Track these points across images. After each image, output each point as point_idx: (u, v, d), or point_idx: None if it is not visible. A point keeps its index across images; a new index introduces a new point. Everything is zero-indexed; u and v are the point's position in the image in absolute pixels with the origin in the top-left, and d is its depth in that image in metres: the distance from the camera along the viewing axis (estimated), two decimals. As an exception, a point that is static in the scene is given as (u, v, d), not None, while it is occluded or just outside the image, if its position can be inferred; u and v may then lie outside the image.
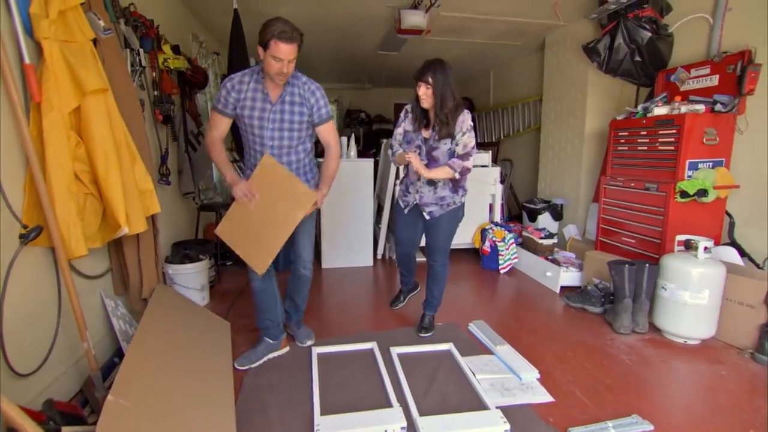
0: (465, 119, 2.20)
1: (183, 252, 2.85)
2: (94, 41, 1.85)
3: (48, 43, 1.57)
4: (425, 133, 2.28)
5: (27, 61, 1.53)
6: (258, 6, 3.51)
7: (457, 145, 2.22)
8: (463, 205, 2.42)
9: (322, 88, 2.04)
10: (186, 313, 2.30)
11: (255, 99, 1.94)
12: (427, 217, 2.38)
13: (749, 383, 2.02)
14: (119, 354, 2.04)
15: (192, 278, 2.77)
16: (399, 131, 2.39)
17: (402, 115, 2.38)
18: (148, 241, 2.26)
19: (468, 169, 2.23)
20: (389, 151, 2.48)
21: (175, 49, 3.01)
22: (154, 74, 2.73)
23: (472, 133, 2.23)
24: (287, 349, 2.29)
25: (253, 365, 2.13)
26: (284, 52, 1.77)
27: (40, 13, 1.56)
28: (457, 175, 2.22)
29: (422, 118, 2.26)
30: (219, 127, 2.00)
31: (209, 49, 4.35)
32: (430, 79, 2.11)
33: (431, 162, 2.26)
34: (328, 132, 2.09)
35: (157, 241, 2.38)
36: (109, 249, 2.18)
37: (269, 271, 2.14)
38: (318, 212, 3.97)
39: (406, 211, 2.46)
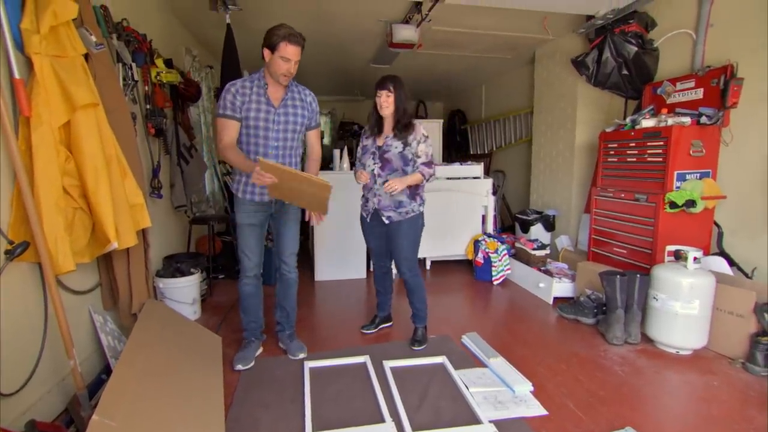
0: (418, 128, 2.41)
1: (174, 266, 2.82)
2: (86, 56, 1.85)
3: (38, 58, 1.57)
4: (379, 141, 2.44)
5: (17, 75, 1.53)
6: (251, 21, 3.54)
7: (417, 156, 2.39)
8: (422, 214, 2.48)
9: None
10: (176, 327, 2.27)
11: (260, 102, 2.06)
12: (386, 222, 2.43)
13: (741, 393, 2.02)
14: (107, 371, 2.00)
15: (183, 292, 2.74)
16: (359, 148, 2.57)
17: (362, 134, 2.58)
18: (138, 255, 2.23)
19: (433, 175, 2.42)
20: (353, 170, 2.59)
21: (168, 63, 3.03)
22: (146, 88, 2.73)
23: (429, 140, 2.44)
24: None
25: (250, 365, 2.24)
26: (292, 53, 1.95)
27: (31, 28, 1.57)
28: (425, 181, 2.41)
29: (376, 126, 2.44)
30: (229, 133, 2.05)
31: (202, 63, 4.37)
32: (391, 87, 2.33)
33: (384, 163, 2.40)
34: (317, 137, 2.31)
35: (148, 255, 2.36)
36: (99, 264, 2.15)
37: (258, 278, 2.29)
38: (307, 223, 3.97)
39: (368, 219, 2.52)
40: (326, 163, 5.73)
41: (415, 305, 2.53)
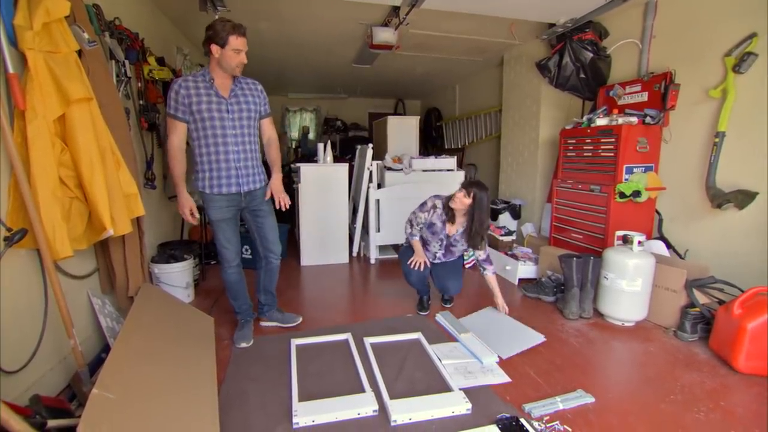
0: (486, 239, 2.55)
1: (168, 252, 2.79)
2: (80, 52, 1.79)
3: (32, 54, 1.51)
4: (449, 229, 2.54)
5: (11, 70, 1.48)
6: (238, 22, 3.46)
7: (480, 250, 2.56)
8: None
9: None
10: (171, 309, 2.25)
11: (209, 95, 1.97)
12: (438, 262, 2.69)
13: (672, 357, 2.15)
14: (106, 350, 1.99)
15: (177, 277, 2.71)
16: (422, 218, 2.55)
17: (430, 206, 2.54)
18: (133, 242, 2.20)
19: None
20: (407, 229, 2.63)
21: (160, 61, 2.95)
22: (139, 84, 2.66)
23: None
24: None
25: (252, 342, 2.24)
26: (242, 43, 1.93)
27: (25, 24, 1.51)
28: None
29: (450, 216, 2.48)
30: (178, 135, 2.00)
31: (193, 61, 4.25)
32: (472, 192, 2.36)
33: (447, 253, 2.61)
34: (271, 125, 2.24)
35: (143, 242, 2.33)
36: (96, 250, 2.12)
37: (240, 266, 2.25)
38: (295, 212, 3.96)
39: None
40: (311, 156, 5.71)
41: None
